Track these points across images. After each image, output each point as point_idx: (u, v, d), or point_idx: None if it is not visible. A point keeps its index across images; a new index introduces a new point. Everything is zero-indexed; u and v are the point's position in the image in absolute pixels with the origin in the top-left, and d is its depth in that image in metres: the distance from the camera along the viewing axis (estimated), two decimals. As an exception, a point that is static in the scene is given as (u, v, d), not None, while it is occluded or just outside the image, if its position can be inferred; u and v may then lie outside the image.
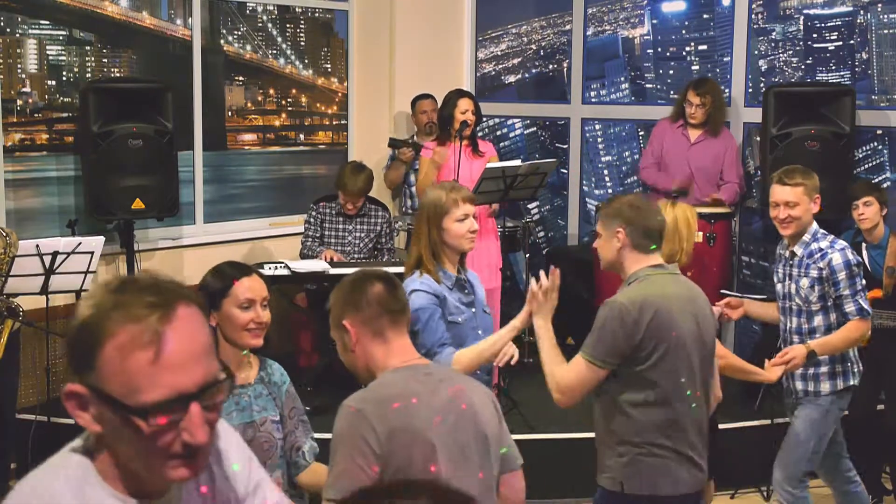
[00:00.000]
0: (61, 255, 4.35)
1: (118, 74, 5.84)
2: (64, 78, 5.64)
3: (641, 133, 6.51)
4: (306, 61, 6.81)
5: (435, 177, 5.45)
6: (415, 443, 2.23)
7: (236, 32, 6.43)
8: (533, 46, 6.89)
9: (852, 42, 5.88)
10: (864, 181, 5.21)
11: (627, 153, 6.62)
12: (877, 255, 4.78)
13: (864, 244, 4.82)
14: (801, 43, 6.01)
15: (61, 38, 5.61)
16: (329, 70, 6.95)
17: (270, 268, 5.20)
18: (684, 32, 6.42)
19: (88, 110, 5.22)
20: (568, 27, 6.73)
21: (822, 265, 3.78)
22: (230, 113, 6.47)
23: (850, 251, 3.82)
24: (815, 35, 5.97)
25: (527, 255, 6.07)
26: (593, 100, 6.70)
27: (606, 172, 6.71)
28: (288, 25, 6.75)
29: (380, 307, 2.39)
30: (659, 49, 6.50)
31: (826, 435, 3.93)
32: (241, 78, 6.55)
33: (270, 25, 6.64)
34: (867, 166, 5.85)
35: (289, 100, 6.78)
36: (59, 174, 5.52)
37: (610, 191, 6.63)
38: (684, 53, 6.41)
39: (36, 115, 5.50)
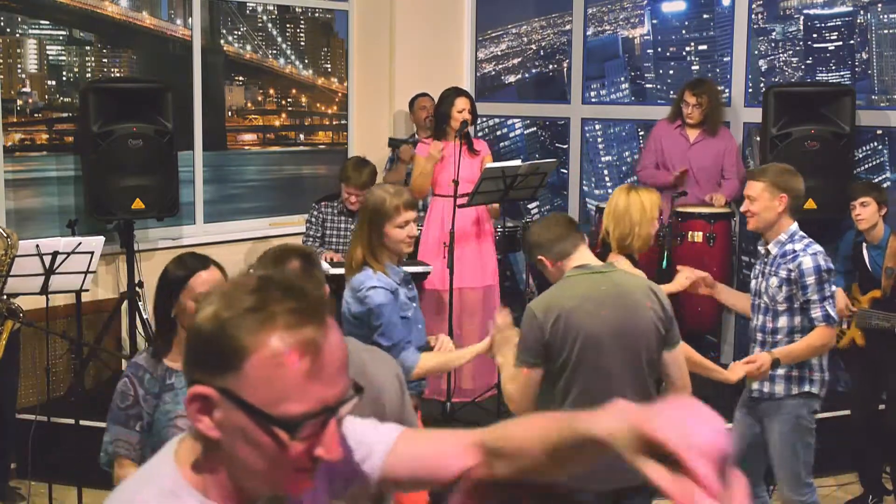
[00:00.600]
0: (61, 255, 4.34)
1: (118, 74, 5.84)
2: (64, 78, 5.64)
3: (641, 133, 6.51)
4: (306, 61, 6.81)
5: (431, 173, 5.45)
6: None
7: (236, 32, 6.43)
8: (533, 46, 6.89)
9: (852, 42, 5.88)
10: (863, 181, 5.21)
11: (627, 153, 6.62)
12: (877, 256, 4.78)
13: (865, 244, 4.82)
14: (801, 43, 6.01)
15: (61, 38, 5.61)
16: (329, 70, 6.95)
17: (270, 268, 5.19)
18: (684, 32, 6.42)
19: (88, 110, 5.22)
20: (568, 27, 6.73)
21: (792, 267, 3.76)
22: (230, 113, 6.47)
23: (824, 257, 3.75)
24: (815, 35, 5.97)
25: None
26: (593, 100, 6.70)
27: (606, 172, 6.71)
28: (288, 25, 6.75)
29: None
30: (659, 49, 6.50)
31: (805, 438, 3.89)
32: (241, 78, 6.55)
33: (270, 25, 6.64)
34: (867, 166, 5.85)
35: (289, 100, 6.78)
36: (59, 174, 5.53)
37: (610, 191, 6.63)
38: (684, 53, 6.41)
39: (36, 115, 5.50)
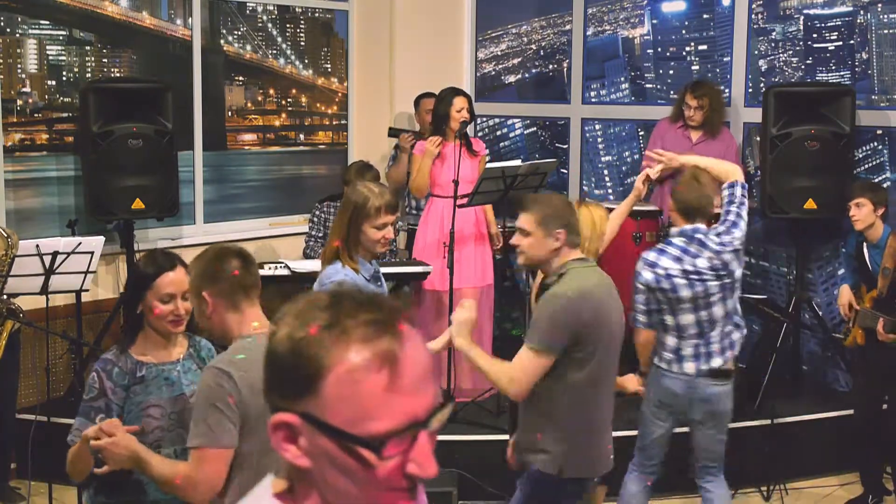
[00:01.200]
0: (61, 255, 4.34)
1: (118, 74, 5.84)
2: (64, 78, 5.64)
3: (641, 133, 6.50)
4: (306, 61, 6.81)
5: (429, 170, 5.45)
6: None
7: (236, 32, 6.43)
8: (533, 46, 6.89)
9: (852, 42, 5.87)
10: (860, 182, 5.20)
11: (627, 153, 6.61)
12: (876, 255, 4.77)
13: (865, 244, 4.82)
14: (801, 43, 6.01)
15: (61, 38, 5.61)
16: (329, 70, 6.95)
17: (270, 268, 5.19)
18: (684, 32, 6.41)
19: (88, 110, 5.22)
20: (568, 27, 6.72)
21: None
22: (230, 113, 6.47)
23: (648, 268, 3.90)
24: (815, 35, 5.97)
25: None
26: (593, 100, 6.69)
27: (606, 172, 6.70)
28: (288, 25, 6.75)
29: (236, 282, 2.65)
30: (659, 49, 6.49)
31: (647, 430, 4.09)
32: (241, 78, 6.55)
33: (270, 25, 6.64)
34: (867, 166, 5.85)
35: (289, 100, 6.78)
36: (59, 174, 5.52)
37: (610, 191, 6.64)
38: (684, 53, 6.41)
39: (36, 115, 5.50)
